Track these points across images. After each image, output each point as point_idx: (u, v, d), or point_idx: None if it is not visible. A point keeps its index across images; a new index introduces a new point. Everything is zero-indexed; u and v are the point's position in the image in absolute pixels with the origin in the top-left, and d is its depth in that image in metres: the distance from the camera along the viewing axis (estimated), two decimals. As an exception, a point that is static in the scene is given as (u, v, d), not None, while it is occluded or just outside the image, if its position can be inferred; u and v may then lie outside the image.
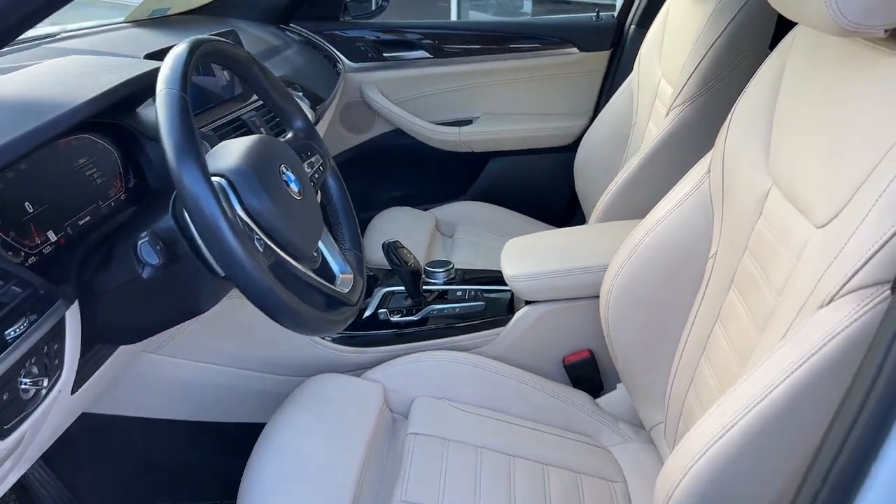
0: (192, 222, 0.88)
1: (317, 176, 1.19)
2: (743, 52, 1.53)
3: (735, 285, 1.11)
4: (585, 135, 2.14)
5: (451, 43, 2.32)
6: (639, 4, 2.26)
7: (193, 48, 0.95)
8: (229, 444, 1.54)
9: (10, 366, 0.79)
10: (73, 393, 1.04)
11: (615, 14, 2.33)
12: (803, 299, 0.85)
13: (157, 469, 1.55)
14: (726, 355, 1.08)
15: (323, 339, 1.49)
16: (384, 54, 2.32)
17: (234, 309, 1.46)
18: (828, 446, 0.68)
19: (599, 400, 1.47)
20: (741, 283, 1.09)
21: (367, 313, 1.58)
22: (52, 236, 0.99)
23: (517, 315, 1.50)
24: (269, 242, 0.95)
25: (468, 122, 2.39)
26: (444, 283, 1.63)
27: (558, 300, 1.47)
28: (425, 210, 2.25)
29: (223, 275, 0.97)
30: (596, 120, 2.12)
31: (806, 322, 0.80)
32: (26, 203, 0.97)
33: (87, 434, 1.51)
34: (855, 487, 0.66)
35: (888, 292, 0.71)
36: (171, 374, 1.46)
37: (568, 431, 1.39)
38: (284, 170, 1.03)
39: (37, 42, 1.50)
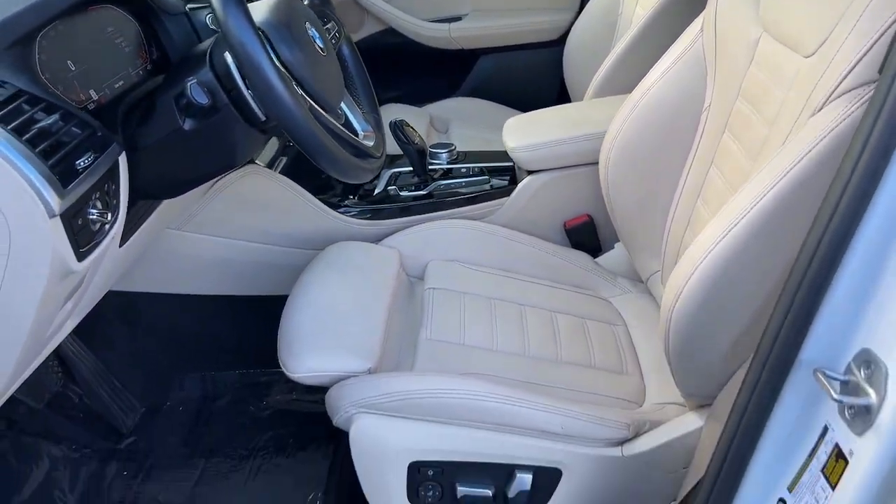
0: (239, 66, 0.95)
1: (333, 42, 1.26)
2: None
3: (729, 129, 1.21)
4: (573, 26, 2.19)
5: (438, -62, 2.33)
6: None
7: None
8: (253, 316, 1.64)
9: (84, 191, 0.87)
10: (120, 246, 1.12)
11: None
12: (795, 116, 0.94)
13: (183, 342, 1.65)
14: (721, 191, 1.19)
15: (338, 213, 1.57)
16: (373, -49, 2.33)
17: (255, 187, 1.53)
18: (814, 230, 0.79)
19: (598, 259, 1.58)
20: (734, 125, 1.19)
21: (377, 191, 1.66)
22: (93, 94, 1.05)
23: (520, 185, 1.59)
24: (302, 92, 1.02)
25: (458, 18, 2.43)
26: (448, 163, 1.71)
27: (558, 168, 1.56)
28: (419, 107, 2.31)
29: (263, 119, 1.04)
30: (583, 11, 2.17)
31: (796, 133, 0.90)
32: (69, 61, 1.02)
33: (117, 312, 1.60)
34: (835, 265, 0.77)
35: (873, 90, 0.80)
36: (195, 250, 1.54)
37: (571, 286, 1.51)
38: (309, 27, 1.09)
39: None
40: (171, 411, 1.64)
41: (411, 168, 1.68)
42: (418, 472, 1.12)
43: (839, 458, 0.79)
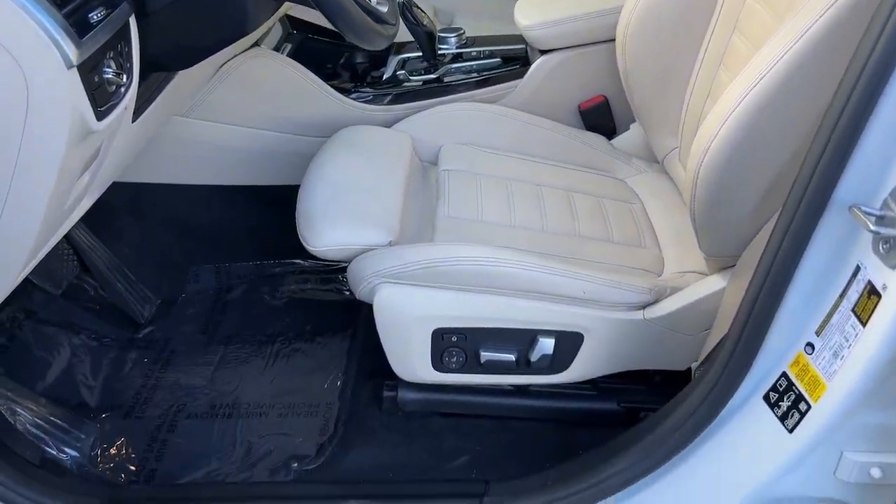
0: None
1: None
2: None
3: (738, 30, 1.17)
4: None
5: None
6: None
7: None
8: (265, 206, 1.63)
9: (98, 46, 0.84)
10: (133, 121, 1.10)
11: None
12: None
13: (196, 234, 1.64)
14: (744, 55, 1.16)
15: (348, 98, 1.54)
16: None
17: (264, 71, 1.49)
18: (851, 69, 0.77)
19: (613, 141, 1.56)
20: (743, 24, 1.15)
21: (385, 76, 1.62)
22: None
23: (533, 66, 1.55)
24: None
25: None
26: (457, 48, 1.67)
27: (573, 47, 1.52)
28: (423, -1, 2.24)
29: None
30: None
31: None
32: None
33: (127, 204, 1.59)
34: (874, 101, 0.76)
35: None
36: (203, 137, 1.52)
37: (587, 168, 1.49)
38: None
39: None
40: (186, 302, 1.64)
41: (420, 53, 1.64)
42: (442, 339, 1.13)
43: (871, 294, 0.80)
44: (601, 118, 1.58)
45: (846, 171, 0.78)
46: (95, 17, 0.85)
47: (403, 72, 1.62)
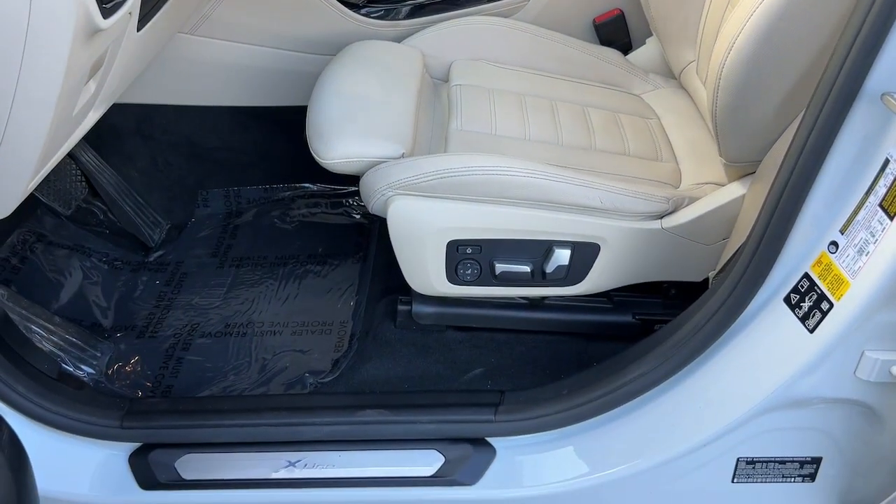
0: None
1: None
2: None
3: None
4: None
5: None
6: None
7: None
8: (272, 128, 1.60)
9: None
10: (138, 31, 1.06)
11: None
12: None
13: (203, 156, 1.62)
14: None
15: (357, 13, 1.50)
16: None
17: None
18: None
19: (629, 56, 1.52)
20: None
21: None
22: None
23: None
24: None
25: None
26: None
27: (588, -43, 1.47)
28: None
29: None
30: None
31: None
32: None
33: (133, 126, 1.56)
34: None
35: None
36: (208, 56, 1.48)
37: (602, 83, 1.46)
38: None
39: None
40: (196, 226, 1.63)
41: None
42: (457, 251, 1.12)
43: (900, 186, 0.78)
44: (616, 32, 1.53)
45: (878, 59, 0.76)
46: None
47: (414, -15, 1.57)
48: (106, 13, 0.85)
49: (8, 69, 0.83)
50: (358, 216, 1.64)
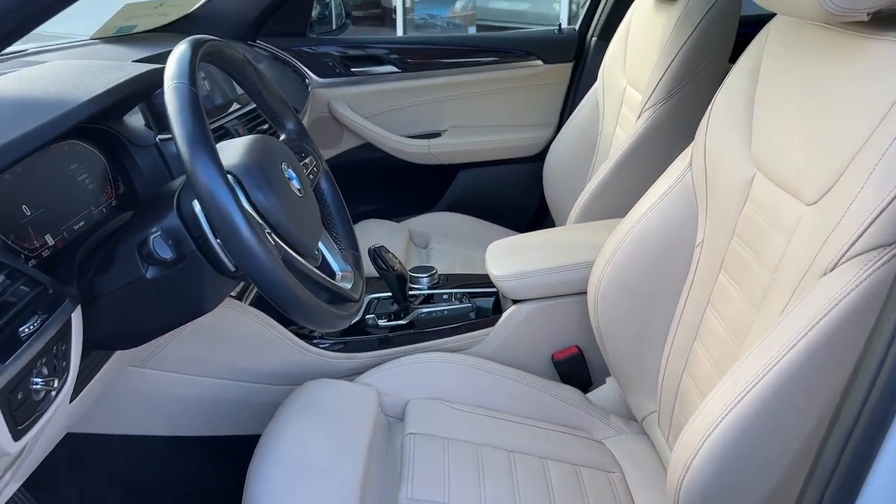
0: (207, 215, 0.88)
1: (311, 177, 1.20)
2: (709, 54, 1.61)
3: (724, 269, 1.16)
4: (553, 144, 2.19)
5: (418, 57, 2.35)
6: (599, 17, 2.34)
7: (196, 46, 0.95)
8: (222, 458, 1.51)
9: (25, 363, 0.78)
10: (71, 402, 1.01)
11: (577, 27, 2.40)
12: (802, 271, 0.89)
13: (146, 489, 1.50)
14: (721, 337, 1.12)
15: (313, 346, 1.48)
16: (352, 69, 2.34)
17: (223, 319, 1.44)
18: (845, 412, 0.71)
19: (589, 395, 1.49)
20: (731, 266, 1.14)
21: (354, 319, 1.57)
22: (49, 240, 0.98)
23: (505, 315, 1.52)
24: (276, 238, 0.95)
25: (437, 134, 2.42)
26: (429, 288, 1.64)
27: (545, 298, 1.49)
28: (398, 223, 2.27)
29: (233, 270, 0.97)
30: (562, 129, 2.17)
31: (809, 291, 0.84)
32: (24, 206, 0.95)
33: (70, 457, 1.46)
34: (869, 462, 0.69)
35: (893, 252, 0.75)
36: (158, 388, 1.43)
37: (562, 426, 1.41)
38: (286, 167, 1.03)
39: (8, 56, 1.47)
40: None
41: (390, 293, 1.61)
42: None
43: None
44: (575, 369, 1.52)
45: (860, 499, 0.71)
46: (28, 329, 0.79)
47: (373, 315, 1.57)
48: (19, 434, 0.80)
49: None
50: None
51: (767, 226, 1.04)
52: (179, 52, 0.93)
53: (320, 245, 1.17)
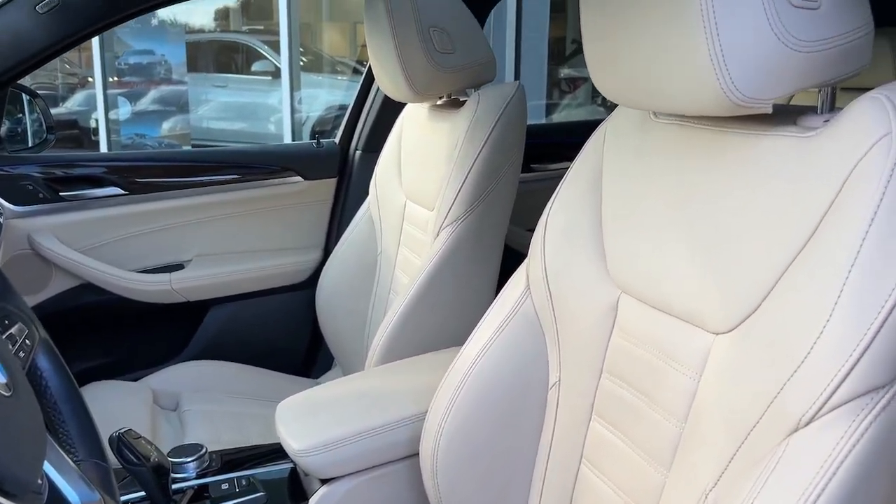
0: None
1: (22, 354, 0.78)
2: (508, 159, 1.47)
3: (598, 415, 0.95)
4: (325, 268, 1.91)
5: (149, 175, 1.94)
6: (362, 129, 2.15)
7: None
8: None
9: None
10: None
11: (336, 140, 2.19)
12: (746, 422, 0.70)
13: None
14: (611, 500, 0.90)
15: None
16: (61, 193, 1.85)
17: None
18: None
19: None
20: (608, 411, 0.93)
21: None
22: None
23: (314, 501, 1.15)
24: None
25: (180, 266, 2.00)
26: (199, 476, 1.22)
27: (366, 470, 1.16)
28: (136, 381, 1.79)
29: None
30: (335, 251, 1.91)
31: (780, 451, 0.64)
32: None
33: None
34: None
35: (892, 393, 0.59)
36: None
37: None
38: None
39: None
40: None
41: (144, 494, 1.16)
42: None
43: None
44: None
45: None
46: None
47: None
48: None
49: None
50: None
51: (657, 360, 0.86)
52: None
53: (45, 466, 0.73)
